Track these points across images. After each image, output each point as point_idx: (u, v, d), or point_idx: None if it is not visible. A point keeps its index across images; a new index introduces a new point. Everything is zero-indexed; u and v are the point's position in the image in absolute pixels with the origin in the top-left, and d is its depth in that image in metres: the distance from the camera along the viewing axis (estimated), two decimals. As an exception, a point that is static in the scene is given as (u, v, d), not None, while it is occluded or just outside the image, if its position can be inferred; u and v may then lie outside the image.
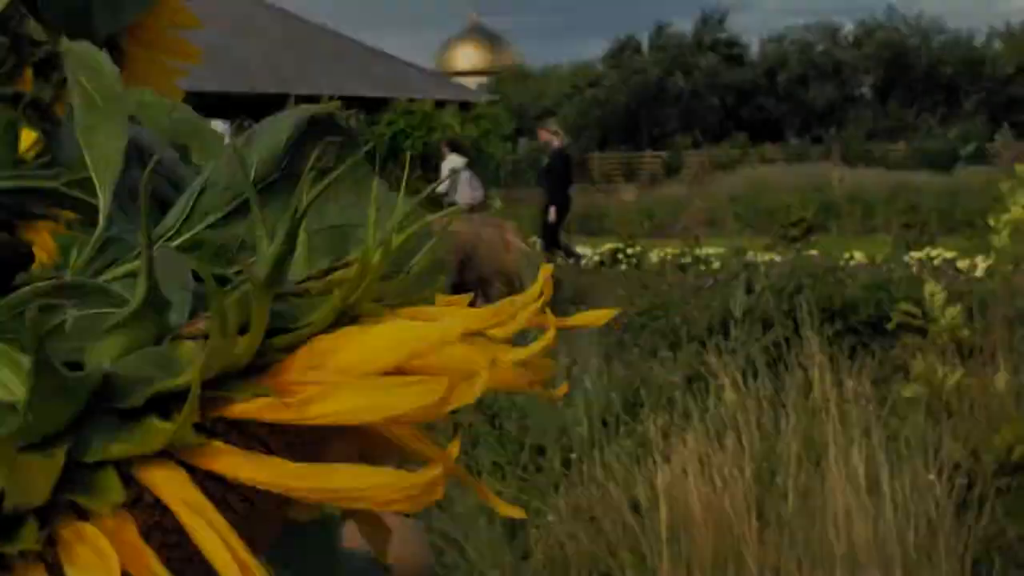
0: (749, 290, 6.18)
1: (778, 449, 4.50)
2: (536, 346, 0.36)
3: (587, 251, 13.09)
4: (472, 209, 11.68)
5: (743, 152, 32.99)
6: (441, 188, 12.51)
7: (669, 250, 11.84)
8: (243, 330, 0.32)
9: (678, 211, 21.09)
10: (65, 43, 0.50)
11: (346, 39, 21.06)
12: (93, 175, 0.48)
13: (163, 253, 0.37)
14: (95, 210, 0.57)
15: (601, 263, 12.56)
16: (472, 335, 0.35)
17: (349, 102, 18.06)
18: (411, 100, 19.00)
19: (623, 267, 11.71)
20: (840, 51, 39.51)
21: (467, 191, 12.53)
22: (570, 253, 12.17)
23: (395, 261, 0.49)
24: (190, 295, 0.35)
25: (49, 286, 0.34)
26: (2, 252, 0.96)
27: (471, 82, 40.97)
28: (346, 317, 0.35)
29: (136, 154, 0.54)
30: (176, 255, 0.37)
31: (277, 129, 0.47)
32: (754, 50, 41.02)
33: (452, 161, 12.84)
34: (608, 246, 13.30)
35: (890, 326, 5.81)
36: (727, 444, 4.44)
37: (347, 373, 0.31)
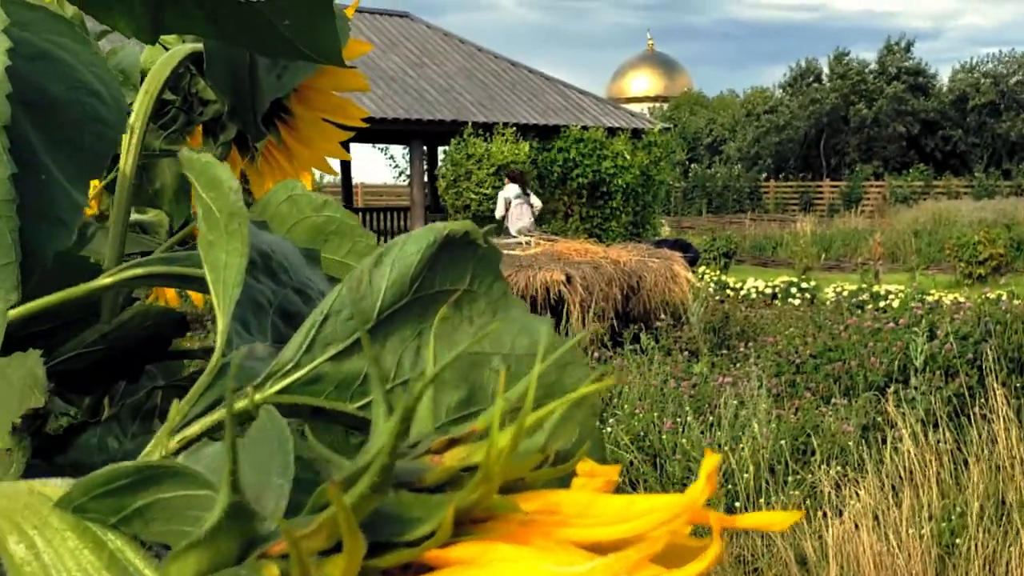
0: (932, 335, 5.89)
1: (959, 507, 4.26)
2: (699, 566, 0.29)
3: (759, 283, 12.76)
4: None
5: (927, 184, 31.81)
6: (497, 215, 13.19)
7: (846, 286, 11.44)
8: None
9: (857, 244, 20.47)
10: (185, 153, 0.47)
11: (522, 67, 21.28)
12: (212, 295, 0.45)
13: (258, 431, 0.33)
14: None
15: (774, 296, 12.22)
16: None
17: (522, 129, 18.23)
18: (583, 128, 19.02)
19: (797, 302, 11.36)
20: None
21: (515, 219, 12.93)
22: None
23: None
24: (289, 484, 0.30)
25: (131, 469, 0.30)
26: (160, 321, 0.95)
27: (645, 107, 40.87)
28: (465, 518, 0.29)
29: (260, 260, 0.51)
30: (275, 423, 0.32)
31: (408, 249, 0.42)
32: (941, 79, 39.49)
33: (508, 191, 13.26)
34: (781, 279, 12.94)
35: (1084, 381, 5.45)
36: (904, 499, 4.24)
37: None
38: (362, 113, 1.06)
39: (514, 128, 17.87)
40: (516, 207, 13.18)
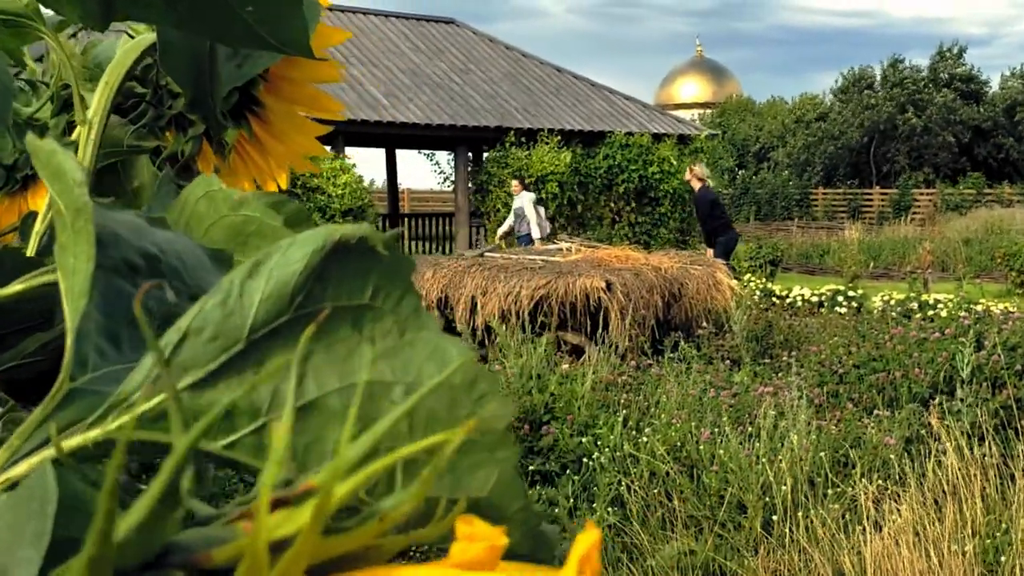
0: (979, 346, 5.73)
1: (1005, 524, 4.13)
2: None
3: (805, 291, 12.58)
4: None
5: (979, 192, 31.30)
6: (534, 223, 13.00)
7: (894, 294, 11.24)
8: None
9: (906, 252, 20.18)
10: (31, 140, 0.41)
11: (567, 73, 21.22)
12: (64, 307, 0.39)
13: (27, 487, 0.26)
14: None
15: (820, 305, 12.03)
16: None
17: (567, 135, 18.16)
18: (628, 134, 18.92)
19: (843, 311, 11.17)
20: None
21: (546, 224, 13.03)
22: None
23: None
24: (40, 555, 0.23)
25: None
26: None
27: (694, 114, 40.64)
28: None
29: (144, 263, 0.45)
30: (41, 478, 0.26)
31: (290, 256, 0.35)
32: (994, 87, 38.77)
33: (528, 196, 13.28)
34: (828, 287, 12.75)
35: None
36: (947, 515, 4.12)
37: None
38: (339, 107, 1.01)
39: (558, 134, 17.82)
40: (542, 213, 13.21)
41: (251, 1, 0.68)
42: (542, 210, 13.36)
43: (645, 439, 4.89)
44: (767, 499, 4.38)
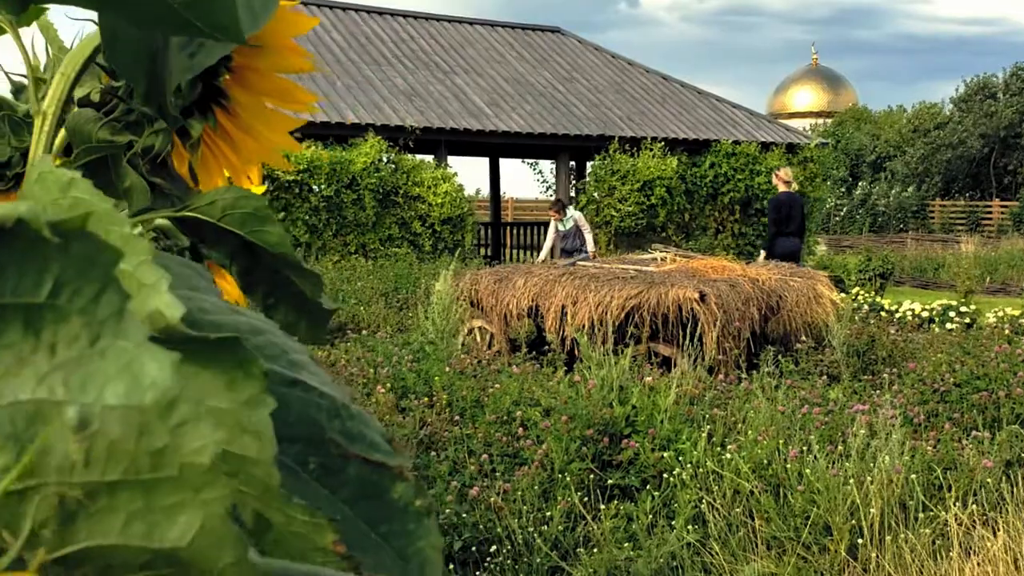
0: (1088, 366, 5.43)
1: (1111, 556, 3.89)
2: None
3: (915, 306, 12.17)
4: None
5: (1106, 206, 30.05)
6: (589, 237, 12.69)
7: (1009, 310, 10.80)
8: None
9: (1026, 267, 19.45)
10: None
11: (673, 81, 20.98)
12: None
13: None
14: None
15: (930, 320, 11.63)
16: None
17: (671, 143, 17.96)
18: (735, 142, 18.62)
19: (953, 327, 10.77)
20: None
21: (592, 240, 12.80)
22: None
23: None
24: None
25: None
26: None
27: (807, 123, 39.88)
28: None
29: None
30: None
31: None
32: None
33: (576, 213, 12.94)
34: (940, 302, 12.31)
35: None
36: (1046, 544, 3.90)
37: None
38: (312, 98, 0.95)
39: (662, 142, 17.62)
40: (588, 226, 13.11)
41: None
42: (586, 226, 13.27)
43: (729, 456, 4.75)
44: (853, 522, 4.20)
